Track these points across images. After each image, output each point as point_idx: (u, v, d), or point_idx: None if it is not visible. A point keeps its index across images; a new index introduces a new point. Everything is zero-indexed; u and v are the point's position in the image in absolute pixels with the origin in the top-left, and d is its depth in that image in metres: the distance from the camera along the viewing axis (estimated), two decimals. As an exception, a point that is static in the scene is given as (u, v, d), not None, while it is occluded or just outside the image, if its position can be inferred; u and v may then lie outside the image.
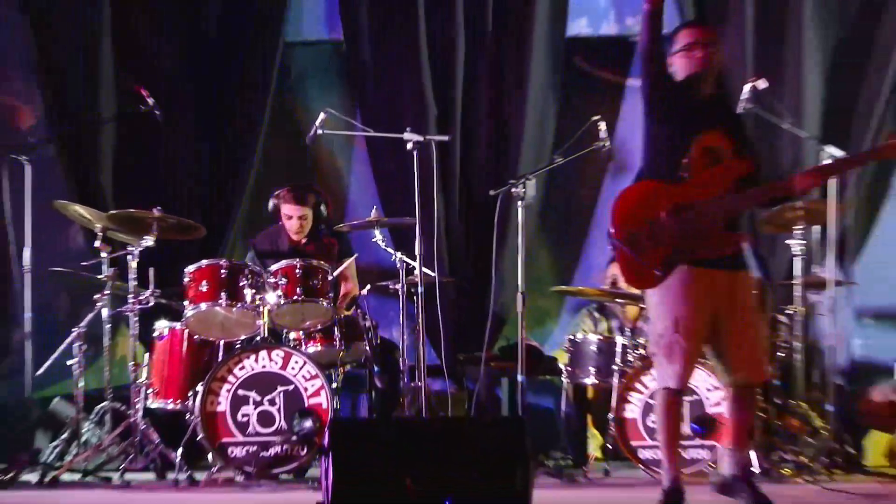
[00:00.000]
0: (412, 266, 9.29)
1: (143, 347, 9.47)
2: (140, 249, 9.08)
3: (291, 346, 9.06)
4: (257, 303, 8.95)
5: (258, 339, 8.98)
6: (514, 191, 9.04)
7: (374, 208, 9.83)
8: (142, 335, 9.39)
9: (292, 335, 9.25)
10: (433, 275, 9.41)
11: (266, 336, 9.00)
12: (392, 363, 9.80)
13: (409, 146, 9.18)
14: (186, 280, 9.01)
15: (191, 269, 9.02)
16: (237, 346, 9.04)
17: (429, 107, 10.79)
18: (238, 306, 8.93)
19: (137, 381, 9.06)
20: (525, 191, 9.10)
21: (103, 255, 9.17)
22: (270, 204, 9.93)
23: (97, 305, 9.21)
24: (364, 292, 9.65)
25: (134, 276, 9.10)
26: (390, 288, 9.56)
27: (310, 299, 8.97)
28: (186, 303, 8.99)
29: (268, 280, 8.98)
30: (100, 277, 9.21)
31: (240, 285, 8.93)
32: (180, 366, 9.14)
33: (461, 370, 10.43)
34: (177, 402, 9.06)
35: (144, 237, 9.06)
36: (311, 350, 9.16)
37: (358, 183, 11.21)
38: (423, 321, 9.28)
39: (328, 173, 10.91)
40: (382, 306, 10.13)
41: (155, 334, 9.27)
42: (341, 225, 9.91)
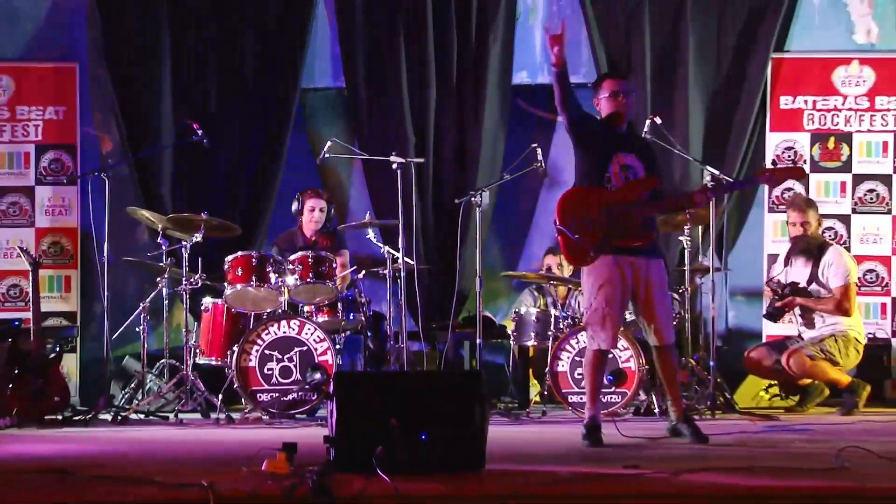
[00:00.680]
0: (396, 256, 9.27)
1: (193, 318, 9.41)
2: (191, 243, 9.02)
3: (305, 317, 8.98)
4: (279, 284, 8.88)
5: (280, 312, 8.94)
6: (473, 200, 9.23)
7: (368, 213, 9.96)
8: (192, 308, 9.34)
9: (306, 308, 9.15)
10: (412, 263, 9.39)
11: (286, 309, 8.99)
12: (381, 330, 9.76)
13: (394, 166, 9.30)
14: (226, 267, 8.94)
15: (229, 259, 8.95)
16: (264, 317, 8.94)
17: (409, 137, 10.67)
18: (265, 287, 8.85)
19: (189, 343, 8.99)
20: (481, 200, 9.27)
21: (163, 248, 9.14)
22: (294, 205, 9.90)
23: (158, 286, 9.17)
24: (360, 276, 9.51)
25: (186, 264, 9.04)
26: (380, 273, 9.47)
27: (319, 281, 8.93)
28: (226, 284, 8.93)
29: (287, 267, 8.92)
30: (160, 265, 9.16)
31: (266, 271, 8.87)
32: (221, 331, 9.05)
33: (434, 335, 10.32)
34: (218, 359, 8.99)
35: (195, 234, 9.01)
36: (321, 320, 9.07)
37: (356, 194, 11.11)
38: (405, 298, 9.28)
39: (334, 186, 10.81)
40: (374, 287, 9.99)
41: (202, 308, 9.20)
42: (344, 225, 9.94)
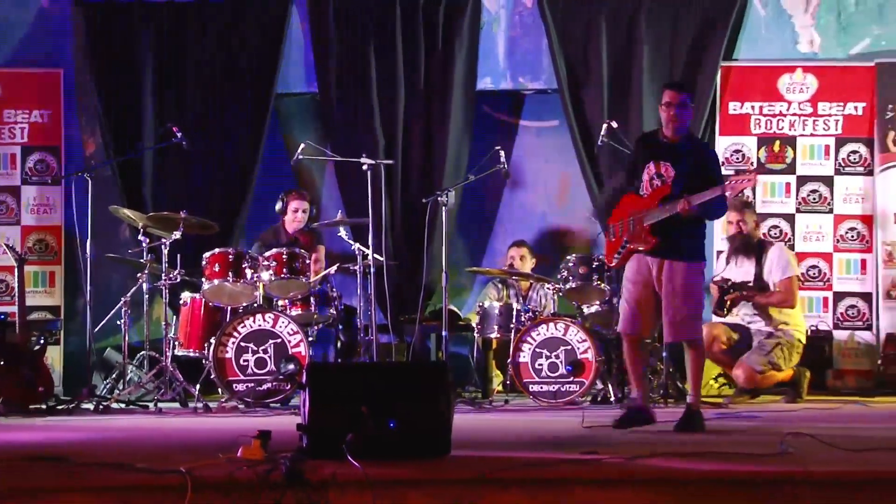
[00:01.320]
0: (366, 253, 9.23)
1: (172, 311, 9.34)
2: (171, 241, 8.95)
3: (279, 311, 8.96)
4: (255, 279, 8.85)
5: (255, 306, 8.91)
6: (440, 199, 9.27)
7: (340, 212, 9.92)
8: (171, 302, 9.26)
9: (280, 302, 9.12)
10: (381, 259, 9.35)
11: (261, 303, 8.96)
12: (352, 323, 9.71)
13: (365, 167, 9.28)
14: (204, 263, 8.90)
15: (207, 255, 8.91)
16: (240, 311, 8.91)
17: (378, 139, 10.65)
18: (241, 282, 8.83)
19: (168, 336, 8.91)
20: (447, 199, 9.32)
21: (144, 245, 9.04)
22: (278, 204, 9.89)
23: (139, 281, 9.11)
24: (332, 271, 9.52)
25: (166, 260, 8.96)
26: (351, 268, 9.43)
27: (293, 276, 8.88)
28: (204, 279, 8.89)
29: (262, 263, 8.89)
30: (141, 261, 9.08)
31: (242, 267, 8.84)
32: (199, 324, 9.02)
33: (402, 328, 10.30)
34: (196, 351, 8.96)
35: (174, 232, 8.95)
36: (294, 313, 9.04)
37: (328, 193, 11.08)
38: (374, 292, 9.26)
39: (307, 186, 10.76)
40: (345, 281, 9.99)
41: (181, 302, 9.18)
42: (316, 224, 9.88)
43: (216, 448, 5.32)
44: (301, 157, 9.55)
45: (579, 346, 8.89)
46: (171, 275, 8.98)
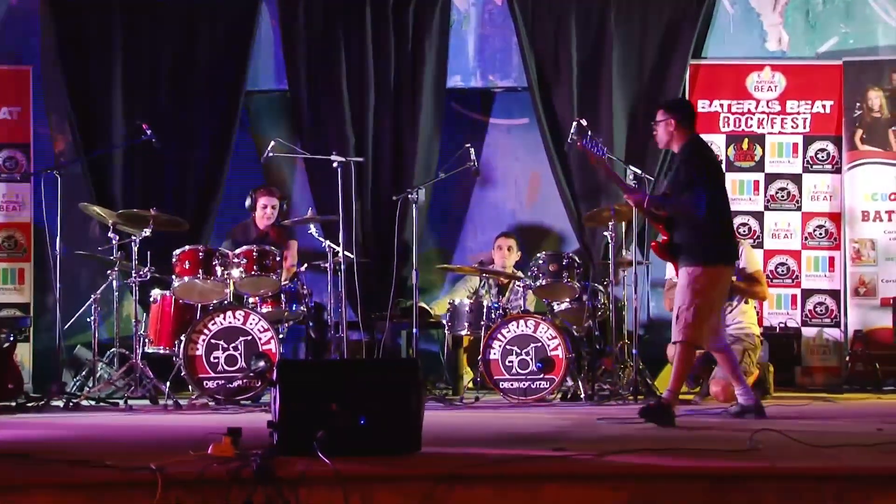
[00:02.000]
0: (337, 250, 9.22)
1: (143, 308, 9.32)
2: (141, 238, 8.89)
3: (250, 308, 8.91)
4: (225, 276, 8.81)
5: (226, 303, 8.87)
6: (410, 197, 9.33)
7: (310, 209, 9.94)
8: (142, 299, 9.26)
9: (251, 300, 9.08)
10: (352, 256, 9.42)
11: (231, 300, 8.92)
12: (322, 320, 9.72)
13: (335, 165, 9.25)
14: (174, 260, 8.84)
15: (177, 252, 8.86)
16: (211, 308, 8.86)
17: (349, 137, 10.66)
18: (211, 279, 8.77)
19: (138, 333, 8.86)
20: (417, 197, 9.35)
21: (114, 242, 9.01)
22: (248, 201, 9.87)
23: (109, 278, 9.07)
24: (302, 269, 9.51)
25: (136, 257, 8.92)
26: (321, 266, 9.39)
27: (264, 274, 8.84)
28: (174, 276, 8.83)
29: (233, 260, 8.85)
30: (111, 258, 9.04)
31: (213, 264, 8.79)
32: (169, 322, 8.95)
33: (372, 325, 10.26)
34: (166, 348, 8.90)
35: (144, 229, 8.89)
36: (265, 310, 9.01)
37: (298, 190, 11.09)
38: (345, 289, 9.32)
39: (277, 183, 10.73)
40: (315, 279, 9.93)
41: (151, 299, 9.10)
42: (287, 220, 9.82)
43: (186, 445, 5.31)
44: (271, 155, 9.53)
45: (549, 343, 8.89)
46: (141, 272, 8.93)
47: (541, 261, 9.18)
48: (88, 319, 9.13)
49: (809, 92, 10.67)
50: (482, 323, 9.18)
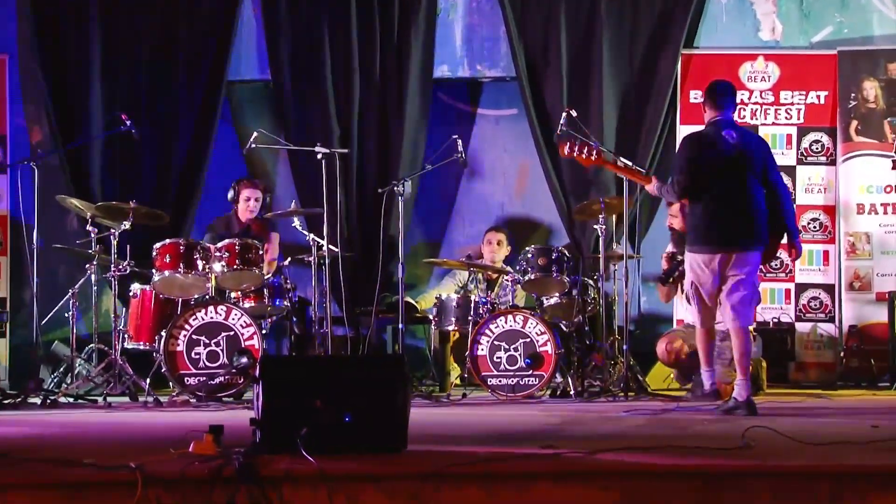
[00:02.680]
0: (321, 244, 9.20)
1: (122, 303, 9.26)
2: (120, 231, 8.87)
3: (232, 303, 8.90)
4: (207, 271, 8.79)
5: (207, 298, 8.84)
6: (396, 189, 9.30)
7: (294, 201, 9.87)
8: (121, 294, 9.20)
9: (233, 294, 9.07)
10: (336, 250, 9.33)
11: (213, 295, 8.88)
12: (306, 315, 9.71)
13: (319, 156, 9.26)
14: (154, 254, 8.82)
15: (158, 246, 8.84)
16: (192, 303, 8.85)
17: (333, 128, 10.66)
18: (192, 273, 8.76)
19: (117, 328, 8.85)
20: (404, 189, 9.33)
21: (92, 236, 8.95)
22: (230, 193, 9.84)
23: (88, 272, 9.01)
24: (286, 263, 9.49)
25: (115, 251, 8.91)
26: (305, 260, 9.38)
27: (246, 268, 8.82)
28: (154, 270, 8.81)
29: (215, 254, 8.82)
30: (89, 252, 8.98)
31: (194, 258, 8.77)
32: (149, 317, 8.94)
33: (357, 320, 10.26)
34: (146, 344, 8.88)
35: (123, 222, 8.87)
36: (247, 305, 9.00)
37: (282, 183, 11.08)
38: (329, 284, 9.29)
39: (260, 175, 10.73)
40: (299, 273, 9.94)
41: (131, 293, 9.08)
42: (270, 213, 9.79)
43: (167, 443, 5.29)
44: (254, 146, 9.50)
45: (538, 339, 8.89)
46: (121, 266, 8.90)
47: (530, 255, 9.17)
48: (66, 314, 9.07)
49: (803, 82, 10.68)
50: (470, 318, 9.16)
